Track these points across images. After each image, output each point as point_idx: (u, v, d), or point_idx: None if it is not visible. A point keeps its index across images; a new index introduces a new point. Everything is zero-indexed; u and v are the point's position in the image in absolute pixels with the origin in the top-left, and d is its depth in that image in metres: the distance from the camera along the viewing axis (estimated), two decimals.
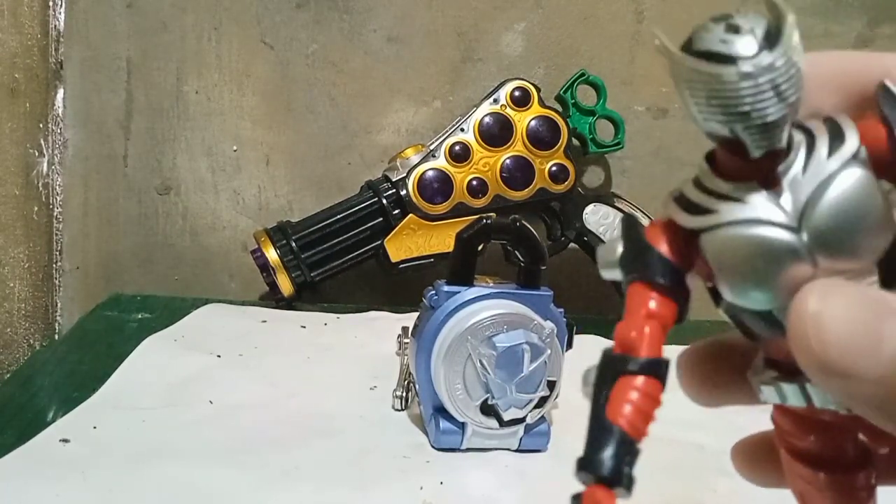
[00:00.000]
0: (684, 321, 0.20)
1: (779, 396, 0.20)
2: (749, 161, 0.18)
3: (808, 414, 0.21)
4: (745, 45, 0.17)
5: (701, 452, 0.44)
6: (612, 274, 0.20)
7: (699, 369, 0.23)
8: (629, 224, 0.20)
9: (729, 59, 0.17)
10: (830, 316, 0.17)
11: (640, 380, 0.18)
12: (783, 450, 0.23)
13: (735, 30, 0.17)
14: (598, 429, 0.18)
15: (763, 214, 0.18)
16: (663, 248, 0.19)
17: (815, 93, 0.18)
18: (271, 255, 0.67)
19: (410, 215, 0.67)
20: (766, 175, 0.18)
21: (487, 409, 0.42)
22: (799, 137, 0.19)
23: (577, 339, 0.46)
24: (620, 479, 0.18)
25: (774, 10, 0.17)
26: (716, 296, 0.20)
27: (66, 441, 0.41)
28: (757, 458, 0.24)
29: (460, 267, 0.43)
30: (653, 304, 0.19)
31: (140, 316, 0.64)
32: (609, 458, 0.18)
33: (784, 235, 0.18)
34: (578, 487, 0.18)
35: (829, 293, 0.17)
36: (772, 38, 0.17)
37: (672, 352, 0.20)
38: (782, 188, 0.18)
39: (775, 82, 0.17)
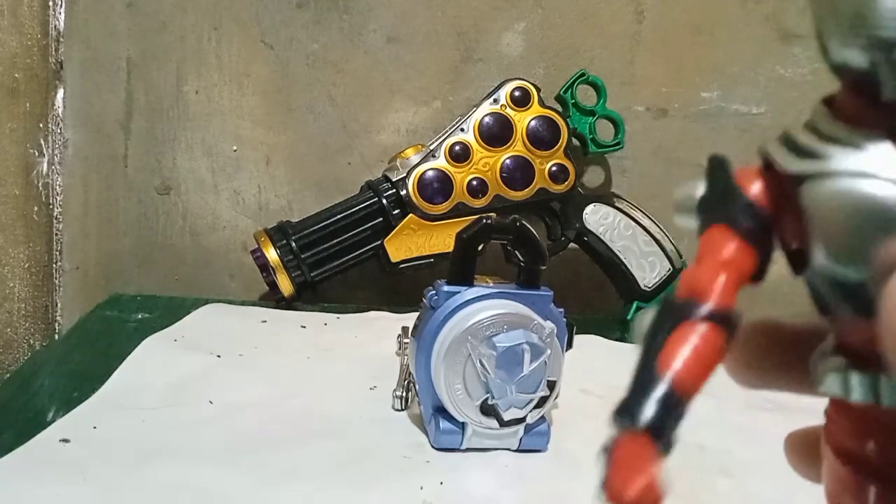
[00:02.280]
0: (761, 281, 0.18)
1: (843, 388, 0.17)
2: (878, 105, 0.16)
3: (871, 414, 0.18)
4: None
5: (702, 452, 0.44)
6: (688, 218, 0.18)
7: (746, 347, 0.20)
8: (716, 164, 0.18)
9: None
10: None
11: (704, 327, 0.16)
12: (830, 450, 0.19)
13: None
14: (646, 377, 0.16)
15: (882, 168, 0.16)
16: (754, 190, 0.17)
17: None
18: (271, 255, 0.67)
19: (410, 215, 0.67)
20: (894, 125, 0.16)
21: (487, 409, 0.42)
22: None
23: (577, 339, 0.45)
24: (662, 433, 0.15)
25: None
26: (799, 261, 0.18)
27: (66, 441, 0.41)
28: (814, 452, 0.21)
29: (460, 267, 0.43)
30: (732, 251, 0.17)
31: (140, 316, 0.64)
32: (653, 407, 0.15)
33: None
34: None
35: None
36: None
37: None
38: None
39: None
